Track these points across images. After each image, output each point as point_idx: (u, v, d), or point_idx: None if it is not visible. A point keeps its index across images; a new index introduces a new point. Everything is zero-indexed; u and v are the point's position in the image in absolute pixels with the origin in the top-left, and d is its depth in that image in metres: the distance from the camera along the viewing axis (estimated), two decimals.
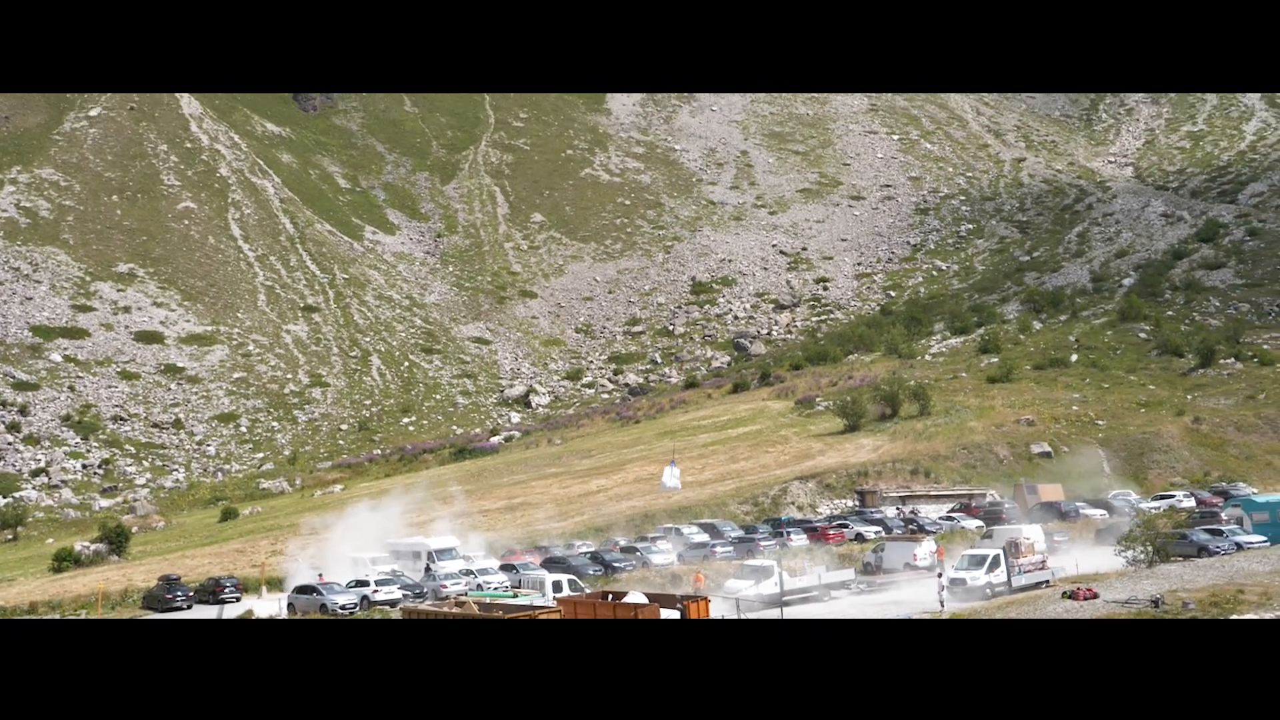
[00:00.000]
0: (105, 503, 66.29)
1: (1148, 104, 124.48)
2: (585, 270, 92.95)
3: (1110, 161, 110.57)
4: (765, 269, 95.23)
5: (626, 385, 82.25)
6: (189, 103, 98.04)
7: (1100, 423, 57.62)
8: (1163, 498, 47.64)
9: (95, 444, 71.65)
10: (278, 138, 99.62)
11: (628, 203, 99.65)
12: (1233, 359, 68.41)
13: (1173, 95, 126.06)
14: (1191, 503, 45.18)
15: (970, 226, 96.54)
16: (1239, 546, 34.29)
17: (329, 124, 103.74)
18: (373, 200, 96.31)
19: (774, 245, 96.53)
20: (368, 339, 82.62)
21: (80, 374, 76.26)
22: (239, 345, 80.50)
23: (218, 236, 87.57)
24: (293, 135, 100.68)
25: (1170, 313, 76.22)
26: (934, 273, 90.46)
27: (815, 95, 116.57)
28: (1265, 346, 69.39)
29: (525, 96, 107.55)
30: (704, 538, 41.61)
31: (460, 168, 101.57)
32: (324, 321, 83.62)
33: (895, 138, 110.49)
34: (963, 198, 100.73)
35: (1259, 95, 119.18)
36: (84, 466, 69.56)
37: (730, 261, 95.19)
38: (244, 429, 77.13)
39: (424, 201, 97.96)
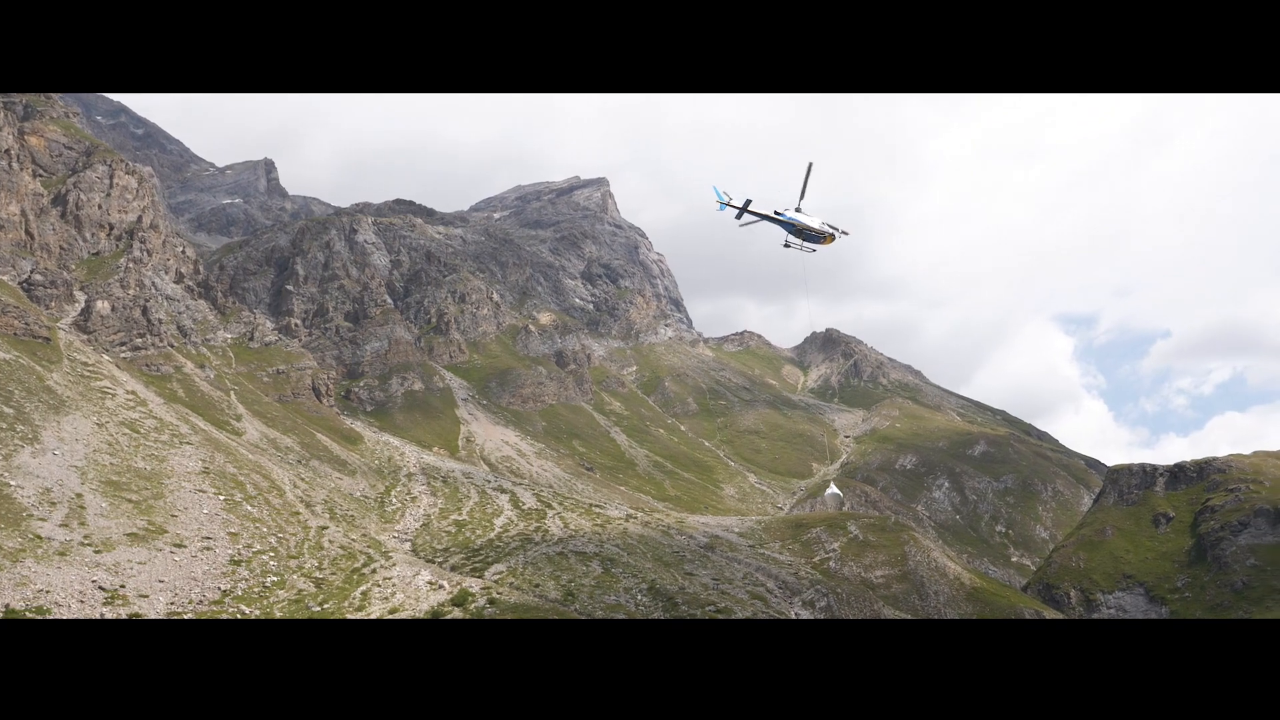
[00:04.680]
0: None
1: (428, 495, 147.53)
2: None
3: (394, 536, 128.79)
4: (82, 602, 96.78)
5: None
6: None
7: None
8: None
9: None
10: None
11: None
12: None
13: (446, 490, 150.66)
14: None
15: (275, 579, 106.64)
16: None
17: None
18: None
19: (94, 581, 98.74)
20: None
21: None
22: None
23: None
24: None
25: None
26: (237, 615, 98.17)
27: (154, 454, 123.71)
28: None
29: None
30: None
31: None
32: None
33: (221, 498, 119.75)
34: (272, 554, 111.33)
35: (507, 496, 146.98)
36: None
37: (48, 593, 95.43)
38: None
39: None
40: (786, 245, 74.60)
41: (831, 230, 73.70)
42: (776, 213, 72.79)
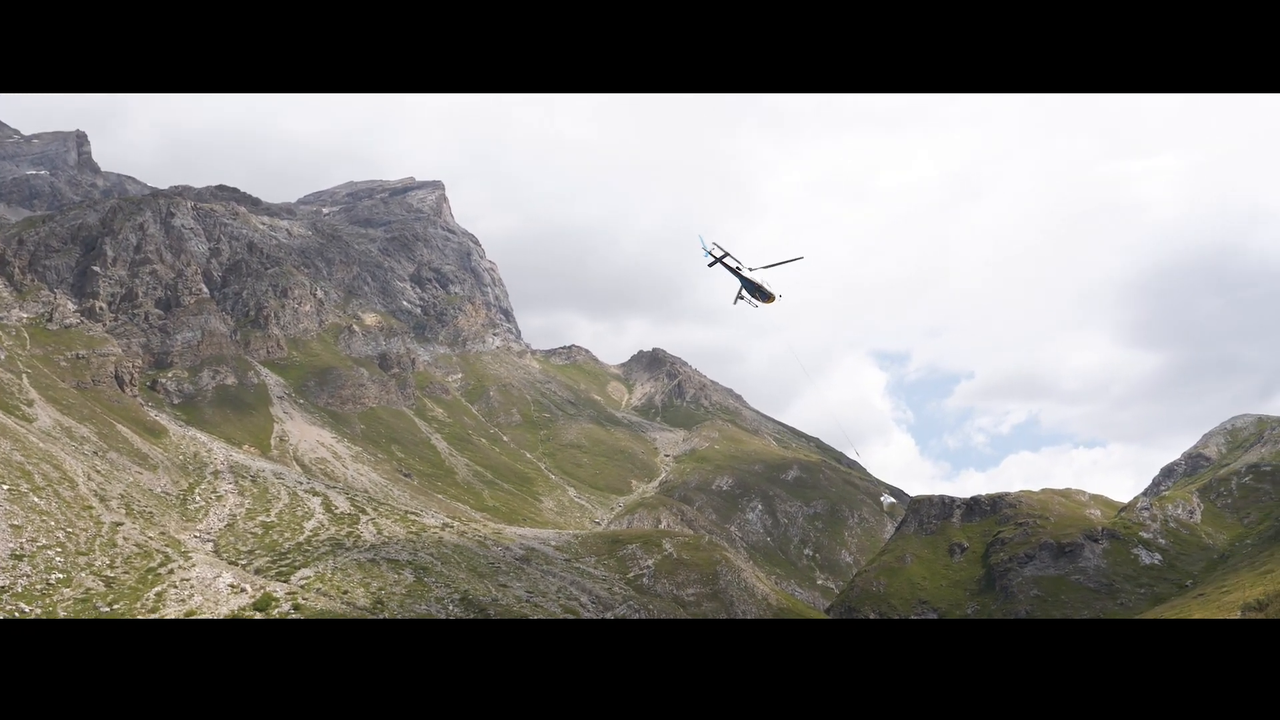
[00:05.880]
0: None
1: (235, 494, 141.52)
2: None
3: (196, 536, 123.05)
4: None
5: None
6: None
7: None
8: None
9: None
10: None
11: None
12: None
13: (255, 490, 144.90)
14: None
15: (60, 576, 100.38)
16: None
17: None
18: None
19: None
20: None
21: None
22: None
23: None
24: None
25: None
26: (15, 614, 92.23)
27: None
28: None
29: None
30: None
31: None
32: None
33: (5, 487, 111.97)
34: (59, 550, 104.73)
35: (319, 499, 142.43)
36: None
37: None
38: None
39: None
40: (739, 298, 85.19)
41: (775, 294, 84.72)
42: (737, 266, 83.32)
